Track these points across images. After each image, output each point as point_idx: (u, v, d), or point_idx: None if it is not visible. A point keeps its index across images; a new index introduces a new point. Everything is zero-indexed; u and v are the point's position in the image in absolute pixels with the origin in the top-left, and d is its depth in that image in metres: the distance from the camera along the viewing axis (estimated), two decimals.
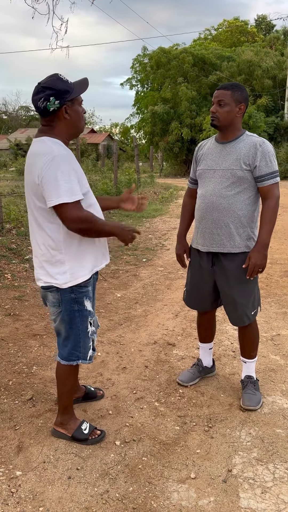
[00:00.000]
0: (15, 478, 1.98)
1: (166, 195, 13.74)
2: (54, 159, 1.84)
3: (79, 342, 2.11)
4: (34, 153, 1.92)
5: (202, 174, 2.46)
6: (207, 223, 2.41)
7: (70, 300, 2.04)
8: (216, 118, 2.34)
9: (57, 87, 1.88)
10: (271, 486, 1.95)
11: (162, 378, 2.87)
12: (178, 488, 1.94)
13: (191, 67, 26.13)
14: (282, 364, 3.08)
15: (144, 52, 28.91)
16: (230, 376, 2.91)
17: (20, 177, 16.71)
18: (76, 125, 2.00)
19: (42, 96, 1.88)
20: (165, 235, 7.78)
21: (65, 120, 1.95)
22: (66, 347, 2.13)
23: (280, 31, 32.72)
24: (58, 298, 2.05)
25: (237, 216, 2.35)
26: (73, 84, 1.95)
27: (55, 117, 1.94)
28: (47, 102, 1.88)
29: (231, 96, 2.29)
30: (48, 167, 1.83)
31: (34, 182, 1.90)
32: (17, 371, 2.93)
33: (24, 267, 5.26)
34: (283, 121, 23.74)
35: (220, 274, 2.48)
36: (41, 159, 1.86)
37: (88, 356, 2.16)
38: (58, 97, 1.89)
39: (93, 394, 2.59)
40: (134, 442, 2.24)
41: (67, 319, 2.07)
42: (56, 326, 2.14)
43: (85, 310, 2.10)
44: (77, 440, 2.20)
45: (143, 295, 4.58)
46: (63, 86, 1.90)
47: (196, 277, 2.62)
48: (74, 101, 1.95)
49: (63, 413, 2.25)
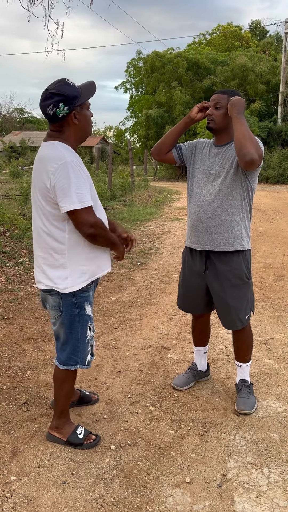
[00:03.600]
0: (9, 483, 1.97)
1: (160, 198, 13.77)
2: (66, 165, 1.86)
3: (78, 346, 2.11)
4: (45, 157, 1.93)
5: (197, 174, 2.49)
6: (201, 222, 2.44)
7: (71, 304, 2.05)
8: (212, 120, 2.39)
9: (66, 93, 1.90)
10: (265, 490, 1.96)
11: (157, 382, 2.88)
12: (173, 492, 1.94)
13: (186, 71, 26.29)
14: (276, 368, 3.09)
15: (138, 55, 29.04)
16: (224, 380, 2.92)
17: (13, 179, 16.65)
18: (85, 129, 2.03)
19: (51, 103, 1.89)
20: (159, 239, 7.80)
21: (74, 126, 1.97)
22: (64, 351, 2.12)
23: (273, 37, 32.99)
24: (59, 301, 2.05)
25: (230, 214, 2.39)
26: (80, 89, 1.96)
27: (64, 122, 1.96)
28: (56, 108, 1.90)
29: (227, 100, 2.35)
30: (60, 173, 1.85)
31: (44, 186, 1.91)
32: (11, 375, 2.92)
33: (18, 270, 5.24)
34: (276, 126, 23.91)
35: (213, 278, 2.49)
36: (52, 164, 1.87)
37: (87, 361, 2.16)
38: (67, 103, 1.90)
39: (88, 399, 2.58)
40: (129, 446, 2.24)
41: (67, 323, 2.07)
42: (55, 330, 2.14)
43: (86, 315, 2.10)
44: (72, 444, 2.20)
45: (137, 298, 4.58)
46: (71, 92, 1.91)
47: (188, 280, 2.63)
48: (82, 106, 1.97)
49: (59, 417, 2.24)
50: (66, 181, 1.85)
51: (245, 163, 2.21)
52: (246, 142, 2.20)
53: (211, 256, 2.47)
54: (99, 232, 1.96)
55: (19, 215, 7.47)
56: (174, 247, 7.14)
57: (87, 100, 1.99)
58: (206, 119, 2.45)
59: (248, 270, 2.50)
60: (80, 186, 1.88)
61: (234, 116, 2.28)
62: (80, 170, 1.91)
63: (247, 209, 2.45)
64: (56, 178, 1.86)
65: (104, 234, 2.00)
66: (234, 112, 2.28)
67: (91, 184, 2.04)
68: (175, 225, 9.29)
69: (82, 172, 1.93)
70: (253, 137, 2.23)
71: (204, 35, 35.09)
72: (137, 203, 12.37)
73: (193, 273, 2.58)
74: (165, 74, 27.00)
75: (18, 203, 8.60)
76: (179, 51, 28.29)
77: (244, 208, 2.42)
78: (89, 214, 1.91)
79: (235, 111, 2.28)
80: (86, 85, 2.01)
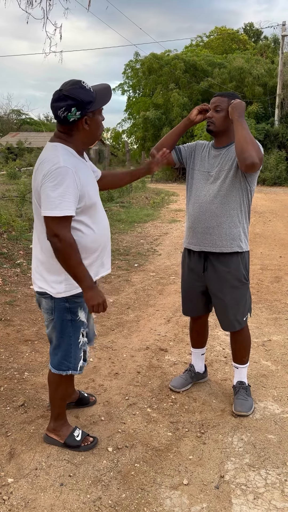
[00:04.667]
0: (6, 485, 1.96)
1: (158, 200, 13.78)
2: (57, 170, 1.80)
3: (70, 352, 2.08)
4: (43, 160, 1.89)
5: (197, 176, 2.50)
6: (200, 223, 2.45)
7: (64, 309, 2.02)
8: (212, 123, 2.41)
9: (80, 98, 1.83)
10: (263, 492, 1.96)
11: (155, 384, 2.88)
12: (170, 494, 1.94)
13: (183, 73, 26.34)
14: (274, 369, 3.10)
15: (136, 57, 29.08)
16: (222, 382, 2.92)
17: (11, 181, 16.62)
18: (94, 135, 1.98)
19: (63, 106, 1.83)
20: (156, 240, 7.80)
21: (83, 131, 1.92)
22: (56, 356, 2.10)
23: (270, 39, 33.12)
24: (51, 305, 2.03)
25: (229, 215, 2.39)
26: (95, 93, 1.90)
27: (74, 127, 1.90)
28: (68, 112, 1.84)
29: (227, 102, 2.37)
30: (49, 177, 1.81)
31: (37, 189, 1.88)
32: (8, 377, 2.91)
33: (15, 271, 5.24)
34: (273, 128, 23.98)
35: (211, 279, 2.50)
36: (46, 167, 1.83)
37: (79, 367, 2.14)
38: (79, 108, 1.84)
39: (86, 400, 2.58)
40: (126, 448, 2.23)
41: (59, 327, 2.05)
42: (48, 333, 2.13)
43: (78, 321, 2.07)
44: (69, 447, 2.19)
45: (135, 300, 4.58)
46: (86, 97, 1.85)
47: (187, 281, 2.64)
48: (95, 111, 1.92)
49: (56, 420, 2.24)
50: (52, 185, 1.80)
51: (246, 166, 2.22)
52: (247, 145, 2.21)
53: (210, 257, 2.48)
54: (60, 246, 1.80)
55: (16, 216, 7.46)
56: (171, 248, 7.14)
57: (101, 106, 1.94)
58: (206, 121, 2.46)
59: (246, 271, 2.51)
60: (64, 194, 1.80)
61: (235, 119, 2.29)
62: (68, 178, 1.81)
63: (245, 211, 2.46)
64: (45, 181, 1.82)
65: (67, 255, 1.81)
66: (235, 115, 2.30)
67: (91, 187, 1.99)
68: (173, 227, 9.30)
69: (72, 179, 1.83)
70: (254, 141, 2.24)
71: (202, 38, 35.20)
72: (135, 204, 12.37)
73: (192, 274, 2.58)
74: (163, 76, 27.04)
75: (15, 205, 8.59)
76: (176, 53, 28.35)
77: (242, 210, 2.43)
78: (58, 225, 1.80)
79: (236, 114, 2.30)
80: (101, 89, 1.94)
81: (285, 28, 24.39)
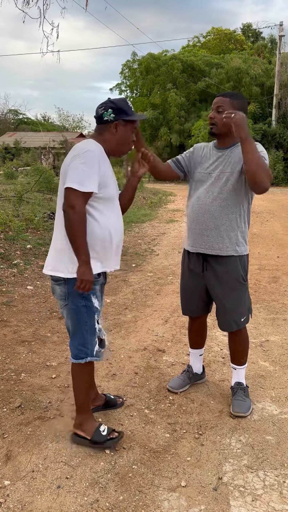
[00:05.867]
0: (3, 488, 1.95)
1: (155, 200, 13.78)
2: (85, 153, 1.99)
3: (86, 338, 2.15)
4: (74, 147, 2.08)
5: (197, 177, 2.49)
6: (198, 224, 2.43)
7: (77, 294, 2.08)
8: (215, 125, 2.38)
9: (118, 105, 2.09)
10: (261, 493, 1.95)
11: (152, 384, 2.86)
12: (168, 496, 1.93)
13: (180, 73, 26.35)
14: (271, 370, 3.09)
15: (133, 57, 29.06)
16: (220, 383, 2.91)
17: (8, 180, 16.57)
18: (120, 144, 2.16)
19: (104, 105, 2.11)
20: (154, 240, 7.79)
21: (112, 135, 2.12)
22: (73, 344, 2.17)
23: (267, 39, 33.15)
24: (65, 291, 2.10)
25: (228, 219, 2.38)
26: (133, 112, 2.15)
27: (106, 128, 2.12)
28: (104, 111, 2.09)
29: (230, 103, 2.33)
30: (78, 157, 1.98)
31: (65, 169, 2.03)
32: (5, 378, 2.89)
33: (12, 272, 5.21)
34: (270, 128, 24.03)
35: (211, 279, 2.49)
36: (76, 150, 2.03)
37: (95, 352, 2.18)
38: (115, 111, 2.09)
39: (113, 402, 2.58)
40: (124, 450, 2.22)
41: (74, 314, 2.13)
42: (66, 323, 2.20)
43: (93, 307, 2.14)
44: (97, 443, 2.20)
45: (132, 300, 4.57)
46: (124, 107, 2.10)
47: (187, 281, 2.63)
48: (127, 124, 2.12)
49: (80, 413, 2.27)
50: (79, 163, 1.96)
51: (260, 192, 2.27)
52: (260, 172, 2.18)
53: (208, 258, 2.47)
54: (72, 217, 1.94)
55: (13, 216, 7.43)
56: (169, 249, 7.13)
57: (133, 119, 2.12)
58: (208, 121, 2.44)
59: (244, 272, 2.50)
60: (89, 172, 1.96)
61: (243, 138, 2.17)
62: (98, 162, 2.00)
63: (245, 214, 2.43)
64: (73, 160, 1.99)
65: (77, 228, 1.94)
66: (242, 133, 2.16)
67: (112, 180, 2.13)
68: (170, 227, 9.29)
69: (98, 162, 2.00)
70: (264, 164, 2.21)
71: (199, 38, 35.19)
72: (132, 204, 12.35)
73: (192, 274, 2.58)
74: (160, 76, 27.04)
75: (12, 205, 8.56)
76: (174, 53, 28.35)
77: (242, 214, 2.41)
78: (77, 198, 1.94)
79: (242, 132, 2.16)
80: (139, 115, 2.21)
81: (282, 29, 24.48)
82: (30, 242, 6.37)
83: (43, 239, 6.75)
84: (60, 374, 2.97)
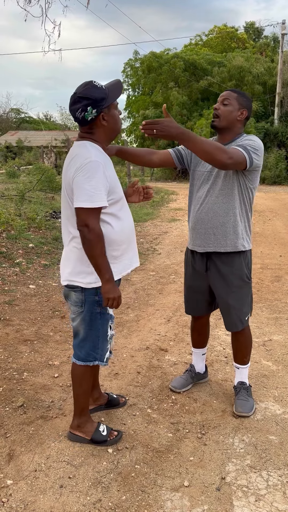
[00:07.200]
0: (6, 487, 1.94)
1: (157, 199, 13.75)
2: (88, 164, 1.90)
3: (97, 344, 2.14)
4: (74, 155, 1.98)
5: (198, 176, 2.47)
6: (203, 223, 2.42)
7: (93, 302, 2.07)
8: (218, 117, 2.38)
9: (93, 96, 1.93)
10: (264, 493, 1.94)
11: (155, 384, 2.86)
12: (171, 496, 1.92)
13: (182, 72, 26.27)
14: (274, 369, 3.08)
15: (135, 56, 29.01)
16: (222, 382, 2.90)
17: (10, 179, 16.59)
18: (114, 129, 2.07)
19: (80, 107, 1.94)
20: (156, 239, 7.78)
21: (103, 127, 2.02)
22: (83, 348, 2.15)
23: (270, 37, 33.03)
24: (82, 298, 2.08)
25: (233, 214, 2.38)
26: (107, 89, 1.99)
27: (94, 125, 2.01)
28: (84, 112, 1.95)
29: (236, 98, 2.35)
30: (81, 170, 1.90)
31: (69, 183, 1.97)
32: (7, 377, 2.89)
33: (14, 271, 5.21)
34: (273, 127, 23.93)
35: (214, 278, 2.48)
36: (78, 161, 1.93)
37: (105, 358, 2.18)
38: (94, 106, 1.94)
39: (115, 402, 2.58)
40: (126, 449, 2.21)
41: (88, 320, 2.10)
42: (75, 326, 2.16)
43: (107, 314, 2.13)
44: (96, 442, 2.20)
45: (135, 299, 4.56)
46: (99, 94, 1.94)
47: (190, 281, 2.63)
48: (110, 107, 2.01)
49: (80, 416, 2.25)
50: (84, 178, 1.89)
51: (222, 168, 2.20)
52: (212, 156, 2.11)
53: (212, 257, 2.46)
54: (88, 236, 1.90)
55: (15, 215, 7.44)
56: (171, 247, 7.12)
57: (114, 100, 2.02)
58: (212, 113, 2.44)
59: (248, 270, 2.50)
60: (96, 186, 1.90)
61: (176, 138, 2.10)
62: (102, 171, 1.93)
63: (247, 209, 2.44)
64: (78, 174, 1.91)
65: (95, 247, 1.91)
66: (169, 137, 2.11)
67: (117, 183, 2.07)
68: (172, 226, 9.28)
69: (105, 172, 1.95)
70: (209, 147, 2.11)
71: (200, 36, 35.09)
72: (134, 203, 12.34)
73: (195, 273, 2.57)
74: (162, 74, 26.96)
75: (14, 204, 8.57)
76: (176, 52, 28.25)
77: (244, 208, 2.42)
78: (89, 215, 1.90)
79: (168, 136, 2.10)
80: (112, 85, 2.04)
81: (284, 27, 24.34)
82: (32, 241, 6.37)
83: (45, 238, 6.75)
84: (62, 373, 2.96)
